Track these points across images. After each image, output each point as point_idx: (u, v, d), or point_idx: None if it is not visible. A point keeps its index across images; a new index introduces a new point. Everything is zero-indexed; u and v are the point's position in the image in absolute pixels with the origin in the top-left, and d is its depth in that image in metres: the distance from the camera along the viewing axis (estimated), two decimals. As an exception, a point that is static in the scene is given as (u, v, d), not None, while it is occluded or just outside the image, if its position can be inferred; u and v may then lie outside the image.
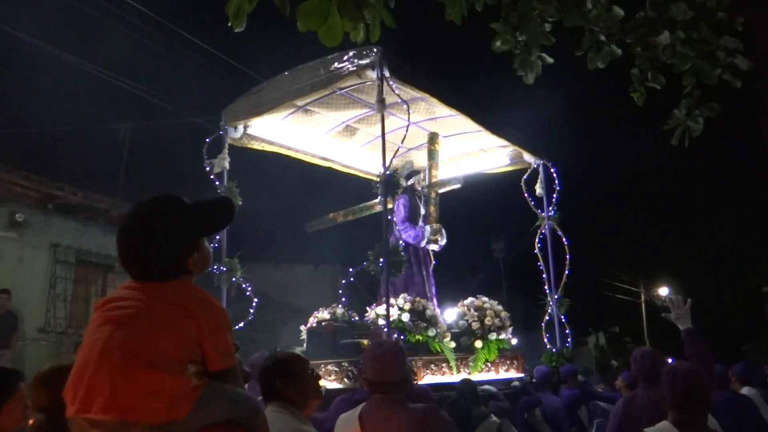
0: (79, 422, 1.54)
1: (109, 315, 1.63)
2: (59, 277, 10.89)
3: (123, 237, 1.73)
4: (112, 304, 1.66)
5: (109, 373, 1.52)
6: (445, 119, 7.24)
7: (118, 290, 1.73)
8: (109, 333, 1.58)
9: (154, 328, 1.60)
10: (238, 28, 2.16)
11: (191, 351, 1.63)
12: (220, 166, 6.78)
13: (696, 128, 3.28)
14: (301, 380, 2.41)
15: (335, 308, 6.42)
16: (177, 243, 1.73)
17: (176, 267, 1.72)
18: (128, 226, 1.73)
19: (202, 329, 1.65)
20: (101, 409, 1.50)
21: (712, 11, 2.97)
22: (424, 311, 6.14)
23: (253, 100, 6.74)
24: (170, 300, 1.66)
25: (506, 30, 3.12)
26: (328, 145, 7.95)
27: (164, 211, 1.74)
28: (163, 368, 1.56)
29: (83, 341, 1.63)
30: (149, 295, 1.66)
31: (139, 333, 1.58)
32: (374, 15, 2.35)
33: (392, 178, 6.30)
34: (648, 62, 3.18)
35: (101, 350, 1.56)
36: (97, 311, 1.67)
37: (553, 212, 8.07)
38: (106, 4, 10.71)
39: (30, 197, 10.52)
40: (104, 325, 1.61)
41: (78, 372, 1.57)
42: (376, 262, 5.76)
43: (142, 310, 1.63)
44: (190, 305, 1.66)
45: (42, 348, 10.31)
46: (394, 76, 5.77)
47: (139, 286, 1.69)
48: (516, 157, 8.23)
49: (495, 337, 6.80)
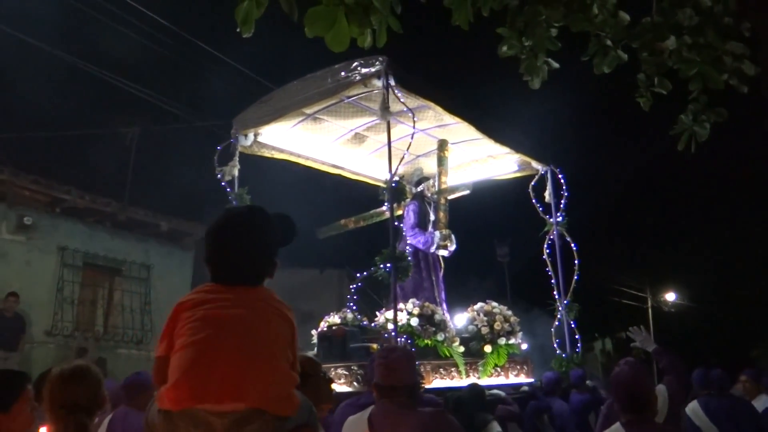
0: (197, 413, 1.53)
1: (217, 313, 1.64)
2: (66, 281, 10.94)
3: (229, 240, 1.77)
4: (214, 304, 1.67)
5: (240, 364, 1.55)
6: (454, 126, 7.27)
7: (204, 293, 1.73)
8: (226, 328, 1.61)
9: (267, 325, 1.66)
10: (247, 34, 2.18)
11: (290, 352, 1.70)
12: (230, 173, 6.87)
13: (702, 133, 3.28)
14: (314, 384, 2.37)
15: (345, 313, 6.45)
16: (274, 251, 1.82)
17: (267, 273, 1.80)
18: (237, 231, 1.78)
19: (294, 335, 1.74)
20: (233, 398, 1.52)
21: (718, 16, 2.98)
22: (433, 316, 6.17)
23: (263, 108, 6.81)
24: (269, 304, 1.72)
25: (512, 35, 3.13)
26: (337, 153, 8.00)
27: (267, 220, 1.83)
28: (285, 364, 1.63)
29: (184, 338, 1.62)
30: (247, 298, 1.70)
31: (258, 328, 1.63)
32: (381, 20, 2.36)
33: (399, 185, 6.32)
34: (654, 67, 3.19)
35: (223, 343, 1.58)
36: (191, 310, 1.67)
37: (561, 218, 8.06)
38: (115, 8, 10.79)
39: (38, 201, 10.59)
40: (215, 321, 1.62)
41: (195, 365, 1.56)
42: (384, 267, 5.78)
43: (250, 309, 1.67)
44: (285, 311, 1.74)
45: (49, 351, 10.34)
46: (399, 84, 5.82)
47: (232, 289, 1.72)
48: (524, 163, 8.24)
49: (504, 342, 6.83)
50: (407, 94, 6.01)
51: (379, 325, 6.22)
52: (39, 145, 12.44)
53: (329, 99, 6.40)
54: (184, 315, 1.67)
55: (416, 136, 6.82)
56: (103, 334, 11.59)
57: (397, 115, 6.42)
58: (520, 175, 8.45)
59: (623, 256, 27.85)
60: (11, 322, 9.13)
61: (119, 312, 11.93)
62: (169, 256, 13.03)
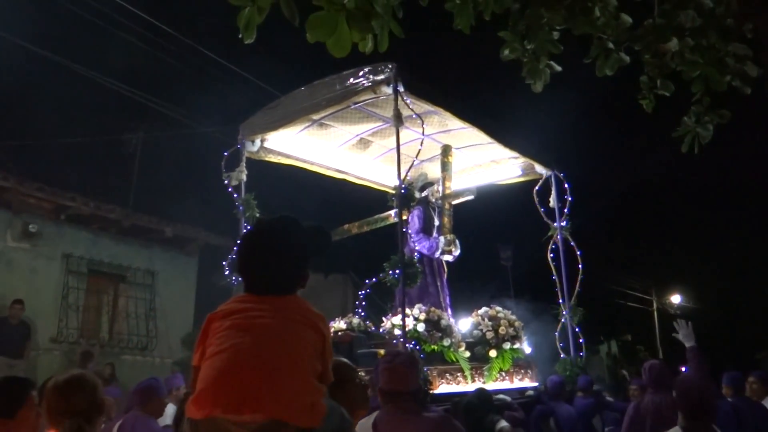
0: (219, 423, 1.54)
1: (247, 323, 1.67)
2: (71, 288, 10.96)
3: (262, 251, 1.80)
4: (244, 314, 1.69)
5: (263, 375, 1.56)
6: (458, 131, 7.29)
7: (236, 303, 1.76)
8: (253, 338, 1.62)
9: (296, 336, 1.67)
10: (249, 40, 2.19)
11: (318, 363, 1.71)
12: (237, 178, 6.90)
13: (706, 135, 3.27)
14: (349, 389, 2.34)
15: (352, 318, 6.45)
16: (305, 261, 1.85)
17: (299, 283, 1.83)
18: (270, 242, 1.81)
19: (326, 343, 1.75)
20: (254, 409, 1.53)
21: (720, 18, 2.97)
22: (439, 321, 6.17)
23: (270, 114, 6.85)
24: (299, 314, 1.73)
25: (514, 38, 3.13)
26: (342, 158, 8.03)
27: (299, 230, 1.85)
28: (310, 374, 1.64)
29: (213, 348, 1.64)
30: (278, 308, 1.72)
31: (285, 339, 1.64)
32: (382, 25, 2.36)
33: (408, 191, 6.34)
34: (657, 69, 3.18)
35: (248, 354, 1.60)
36: (221, 320, 1.70)
37: (565, 223, 8.06)
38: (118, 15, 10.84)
39: (43, 208, 10.62)
40: (244, 331, 1.65)
41: (220, 374, 1.58)
42: (392, 273, 5.79)
43: (280, 320, 1.68)
44: (316, 321, 1.76)
45: (54, 358, 10.36)
46: (408, 91, 5.84)
47: (264, 299, 1.74)
48: (528, 168, 8.25)
49: (509, 347, 6.82)
50: (416, 100, 6.03)
51: (386, 331, 6.23)
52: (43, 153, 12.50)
53: (337, 105, 6.44)
54: (215, 325, 1.70)
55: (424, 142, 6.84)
56: (108, 341, 11.60)
57: (405, 120, 6.46)
58: (524, 180, 8.45)
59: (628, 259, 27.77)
60: (16, 329, 9.15)
61: (124, 318, 11.94)
62: (174, 262, 13.05)
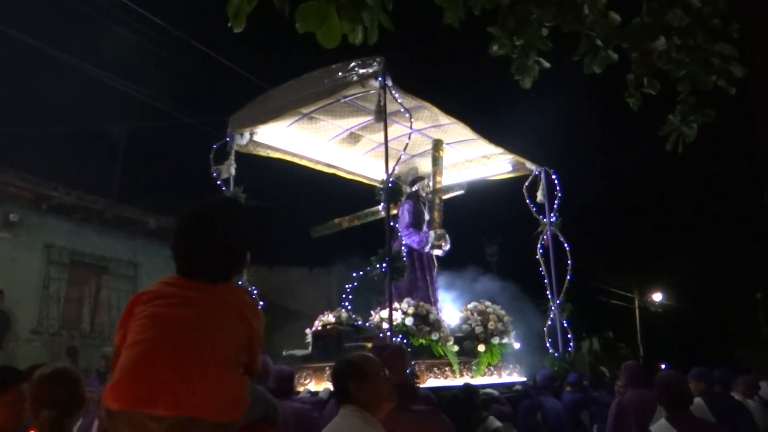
0: (134, 416, 1.51)
1: (166, 312, 1.61)
2: (53, 278, 10.85)
3: (198, 233, 1.71)
4: (166, 300, 1.63)
5: (178, 370, 1.52)
6: (449, 126, 7.30)
7: (164, 285, 1.69)
8: (170, 330, 1.58)
9: (217, 327, 1.61)
10: (238, 29, 2.17)
11: (244, 353, 1.67)
12: (226, 172, 6.85)
13: (690, 134, 3.31)
14: (374, 383, 2.34)
15: (340, 312, 6.46)
16: (246, 250, 1.78)
17: (235, 271, 1.76)
18: (208, 224, 1.72)
19: (254, 334, 1.69)
20: (168, 405, 1.49)
21: (707, 18, 3.00)
22: (428, 315, 6.20)
23: (259, 107, 6.81)
24: (226, 302, 1.67)
25: (504, 34, 3.14)
26: (332, 152, 8.01)
27: (247, 217, 1.78)
28: (229, 367, 1.59)
29: (132, 336, 1.60)
30: (206, 296, 1.66)
31: (204, 331, 1.59)
32: (372, 17, 2.36)
33: (396, 185, 6.34)
34: (644, 68, 3.20)
35: (165, 347, 1.55)
36: (144, 305, 1.64)
37: (554, 218, 8.10)
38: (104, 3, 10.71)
39: (24, 197, 10.48)
40: (162, 321, 1.59)
41: (135, 367, 1.55)
42: (379, 266, 5.79)
43: (202, 309, 1.63)
44: (245, 309, 1.69)
45: (34, 349, 10.25)
46: (396, 85, 5.83)
47: (194, 284, 1.68)
48: (517, 164, 8.30)
49: (498, 341, 6.86)
50: (404, 95, 6.02)
51: (373, 325, 6.24)
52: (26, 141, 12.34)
53: (326, 99, 6.42)
54: (138, 309, 1.64)
55: (412, 136, 6.84)
56: (89, 332, 11.50)
57: (393, 115, 6.44)
58: (514, 176, 8.49)
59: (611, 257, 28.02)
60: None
61: (106, 310, 11.84)
62: (157, 254, 12.94)
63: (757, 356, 18.43)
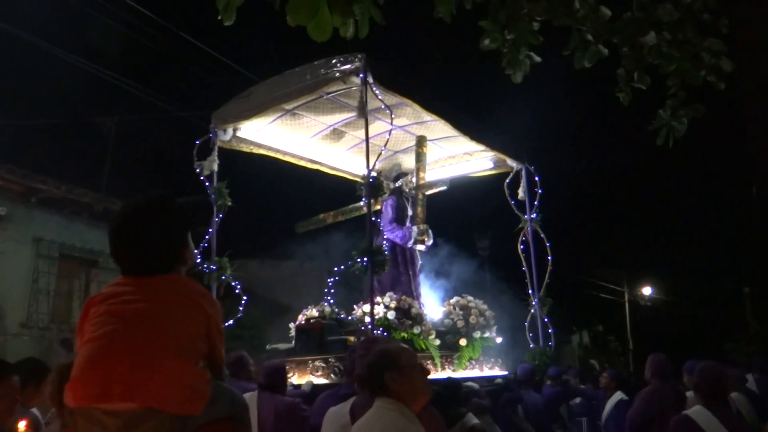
0: (91, 412, 1.51)
1: (119, 308, 1.62)
2: (42, 272, 10.79)
3: (126, 233, 1.75)
4: (119, 299, 1.65)
5: (132, 363, 1.51)
6: (431, 123, 7.31)
7: (114, 286, 1.72)
8: (124, 325, 1.58)
9: (171, 318, 1.62)
10: (228, 22, 2.16)
11: (203, 343, 1.67)
12: (209, 168, 6.82)
13: (680, 129, 3.32)
14: (410, 375, 2.27)
15: (323, 306, 6.47)
16: (177, 236, 1.78)
17: (175, 260, 1.76)
18: (132, 223, 1.76)
19: (210, 322, 1.70)
20: (123, 398, 1.49)
21: (697, 13, 3.01)
22: (410, 309, 6.22)
23: (243, 104, 6.78)
24: (178, 292, 1.68)
25: (495, 28, 3.13)
26: (315, 148, 8.00)
27: (164, 207, 1.79)
28: (186, 359, 1.58)
29: (87, 335, 1.61)
30: (155, 289, 1.67)
31: (157, 323, 1.59)
32: (363, 11, 2.35)
33: (376, 181, 6.35)
34: (634, 63, 3.21)
35: (119, 341, 1.55)
36: (98, 305, 1.66)
37: (535, 215, 8.15)
38: (93, -4, 10.60)
39: (13, 191, 10.41)
40: (116, 317, 1.60)
41: (89, 363, 1.55)
42: (360, 261, 5.80)
43: (155, 302, 1.63)
44: (198, 298, 1.70)
45: (24, 343, 10.20)
46: (377, 82, 5.83)
47: (141, 280, 1.69)
48: (499, 161, 8.34)
49: (479, 336, 6.91)
50: (385, 91, 6.03)
51: (356, 318, 6.26)
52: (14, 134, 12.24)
53: (308, 95, 6.41)
54: (93, 310, 1.67)
55: (395, 133, 6.83)
56: (79, 327, 11.45)
57: (375, 111, 6.46)
58: (496, 173, 8.54)
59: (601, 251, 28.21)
60: (-15, 313, 9.00)
61: (96, 304, 11.79)
62: (147, 247, 12.90)
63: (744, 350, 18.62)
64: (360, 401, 2.71)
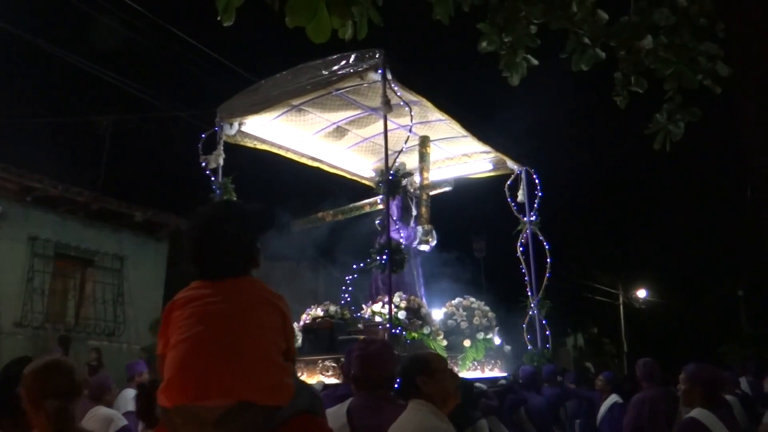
0: (188, 408, 1.59)
1: (204, 310, 1.70)
2: (37, 271, 10.75)
3: (208, 238, 1.82)
4: (202, 301, 1.73)
5: (225, 361, 1.61)
6: (434, 123, 7.31)
7: (194, 290, 1.78)
8: (212, 325, 1.66)
9: (254, 317, 1.71)
10: (228, 23, 2.17)
11: (281, 340, 1.75)
12: (215, 162, 6.80)
13: (677, 132, 3.34)
14: (441, 379, 2.43)
15: (328, 305, 6.47)
16: (252, 242, 1.88)
17: (250, 263, 1.86)
18: (214, 229, 1.83)
19: (286, 321, 1.80)
20: (220, 394, 1.57)
21: (694, 17, 3.03)
22: (419, 309, 6.22)
23: (251, 97, 6.73)
24: (255, 293, 1.78)
25: (492, 31, 3.15)
26: (317, 146, 7.99)
27: (242, 214, 1.89)
28: (271, 353, 1.69)
29: (175, 337, 1.68)
30: (235, 291, 1.76)
31: (242, 322, 1.68)
32: (362, 12, 2.36)
33: (395, 178, 6.36)
34: (631, 66, 3.23)
35: (208, 341, 1.64)
36: (181, 309, 1.73)
37: (534, 217, 8.17)
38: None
39: (8, 189, 10.37)
40: (202, 318, 1.68)
41: (183, 364, 1.63)
42: (380, 258, 5.81)
43: (236, 303, 1.72)
44: (274, 299, 1.81)
45: (18, 342, 10.17)
46: (395, 78, 5.81)
47: (219, 283, 1.77)
48: (499, 163, 8.36)
49: (482, 337, 6.90)
50: (402, 89, 6.01)
51: (367, 317, 6.24)
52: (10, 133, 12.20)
53: (320, 90, 6.35)
54: (176, 313, 1.73)
55: (398, 132, 6.83)
56: (74, 326, 11.42)
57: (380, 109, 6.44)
58: (495, 175, 8.56)
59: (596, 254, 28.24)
60: (-21, 312, 8.97)
61: (91, 303, 11.76)
62: (143, 247, 12.88)
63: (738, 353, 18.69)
64: (357, 402, 2.71)
